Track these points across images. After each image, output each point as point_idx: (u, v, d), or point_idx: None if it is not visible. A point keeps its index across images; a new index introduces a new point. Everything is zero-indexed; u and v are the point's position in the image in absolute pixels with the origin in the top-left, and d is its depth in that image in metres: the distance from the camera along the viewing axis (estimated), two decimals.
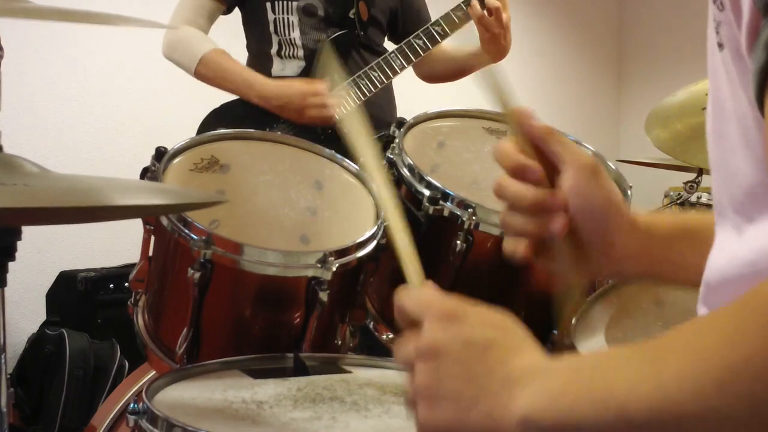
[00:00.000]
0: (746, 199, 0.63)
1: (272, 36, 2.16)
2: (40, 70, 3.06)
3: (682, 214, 0.86)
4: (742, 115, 0.60)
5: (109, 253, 3.06)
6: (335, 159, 1.51)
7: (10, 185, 0.88)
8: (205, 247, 1.23)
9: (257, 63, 2.21)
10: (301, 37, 2.14)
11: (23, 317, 2.93)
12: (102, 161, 3.16)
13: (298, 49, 2.15)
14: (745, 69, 0.58)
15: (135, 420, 0.98)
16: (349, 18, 2.16)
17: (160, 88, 3.32)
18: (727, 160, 0.65)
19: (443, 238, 1.39)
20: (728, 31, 0.59)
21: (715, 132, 0.67)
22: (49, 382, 2.64)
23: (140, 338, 1.42)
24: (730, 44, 0.59)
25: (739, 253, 0.63)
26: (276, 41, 2.16)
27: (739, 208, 0.65)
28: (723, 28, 0.60)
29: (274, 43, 2.16)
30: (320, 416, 1.03)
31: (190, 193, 1.24)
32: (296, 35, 2.15)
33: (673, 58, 4.61)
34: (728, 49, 0.60)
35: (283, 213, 1.42)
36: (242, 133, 1.54)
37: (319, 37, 2.14)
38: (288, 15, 2.15)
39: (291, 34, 2.15)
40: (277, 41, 2.16)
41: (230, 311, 1.33)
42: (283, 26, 2.15)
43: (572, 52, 4.94)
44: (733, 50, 0.59)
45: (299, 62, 2.15)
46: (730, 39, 0.59)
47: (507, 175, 0.80)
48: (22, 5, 0.97)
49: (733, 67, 0.60)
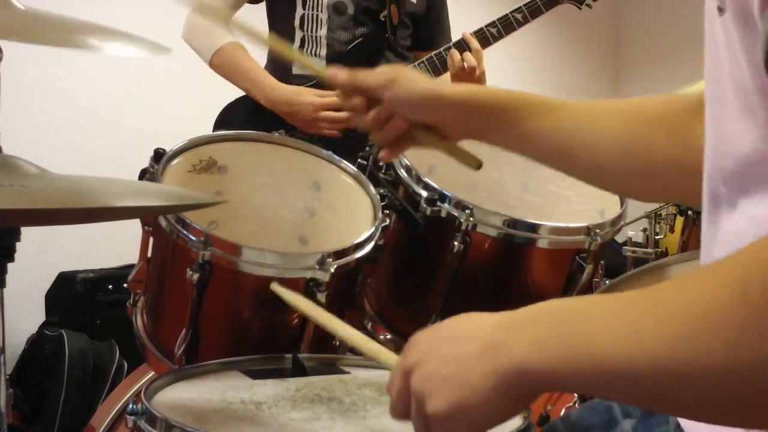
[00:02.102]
0: (740, 168, 0.63)
1: (296, 31, 2.14)
2: (39, 71, 3.06)
3: (511, 90, 0.96)
4: (740, 80, 0.60)
5: (108, 254, 3.06)
6: (333, 160, 1.52)
7: (9, 186, 0.88)
8: (204, 248, 1.24)
9: (278, 59, 2.19)
10: (328, 35, 2.12)
11: (22, 318, 2.93)
12: (101, 162, 3.16)
13: (321, 47, 2.13)
14: (748, 32, 0.58)
15: (134, 421, 0.98)
16: (380, 20, 2.15)
17: (160, 89, 3.33)
18: (721, 128, 0.65)
19: (441, 239, 1.40)
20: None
21: (711, 97, 0.67)
22: (49, 383, 2.64)
23: (139, 339, 1.42)
24: (734, 7, 0.59)
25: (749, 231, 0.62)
26: (299, 37, 2.14)
27: (729, 178, 0.64)
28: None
29: (297, 39, 2.14)
30: (319, 417, 1.03)
31: (188, 194, 1.24)
32: (323, 33, 2.13)
33: (670, 57, 4.61)
34: (730, 13, 0.59)
35: (281, 214, 1.42)
36: (240, 134, 1.54)
37: (346, 38, 2.13)
38: (317, 11, 2.13)
39: (317, 32, 2.13)
40: (300, 37, 2.14)
41: (229, 312, 1.34)
42: (311, 22, 2.13)
43: (568, 50, 4.94)
44: (737, 13, 0.59)
45: (320, 62, 2.12)
46: (735, 1, 0.59)
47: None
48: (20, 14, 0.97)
49: (734, 30, 0.60)
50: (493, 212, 1.40)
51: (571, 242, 1.42)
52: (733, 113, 0.62)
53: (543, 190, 1.57)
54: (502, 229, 1.39)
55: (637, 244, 2.68)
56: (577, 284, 1.44)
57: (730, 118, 0.63)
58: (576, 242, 1.42)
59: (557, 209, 1.53)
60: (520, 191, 1.57)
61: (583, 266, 1.42)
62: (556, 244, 1.42)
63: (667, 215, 2.55)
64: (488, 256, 1.43)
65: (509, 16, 2.15)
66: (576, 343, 0.58)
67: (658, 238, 2.58)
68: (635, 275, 1.55)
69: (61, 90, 3.14)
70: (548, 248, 1.43)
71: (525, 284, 1.47)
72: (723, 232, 0.66)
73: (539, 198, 1.56)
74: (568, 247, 1.43)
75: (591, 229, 1.41)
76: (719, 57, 0.63)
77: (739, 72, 0.60)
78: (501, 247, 1.42)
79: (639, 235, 2.70)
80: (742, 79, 0.60)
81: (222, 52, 2.12)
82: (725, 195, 0.65)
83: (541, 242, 1.42)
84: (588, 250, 1.41)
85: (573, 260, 1.43)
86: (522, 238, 1.40)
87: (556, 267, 1.45)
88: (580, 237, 1.41)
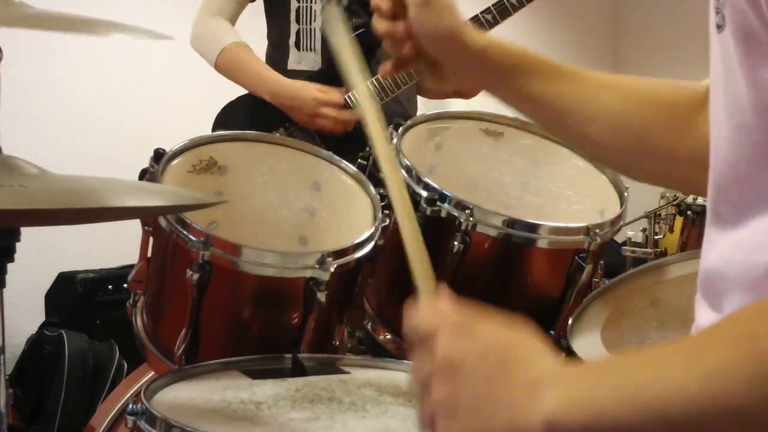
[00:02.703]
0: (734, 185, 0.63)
1: (292, 25, 2.14)
2: (39, 72, 3.06)
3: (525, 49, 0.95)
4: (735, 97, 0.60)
5: (108, 254, 3.06)
6: (333, 160, 1.52)
7: (9, 186, 0.89)
8: (204, 248, 1.24)
9: (275, 54, 2.19)
10: (323, 27, 2.11)
11: (22, 318, 2.93)
12: (101, 162, 3.15)
13: (316, 41, 2.13)
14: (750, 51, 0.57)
15: (134, 421, 0.98)
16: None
17: (159, 89, 3.33)
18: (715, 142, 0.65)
19: (441, 239, 1.40)
20: (733, 9, 0.58)
21: (710, 113, 0.67)
22: (48, 383, 2.64)
23: (139, 339, 1.42)
24: (735, 25, 0.59)
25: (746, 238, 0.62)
26: (295, 31, 2.14)
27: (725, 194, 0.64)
28: (727, 8, 0.59)
29: (293, 33, 2.14)
30: (318, 417, 1.03)
31: (188, 194, 1.24)
32: (317, 25, 2.13)
33: (669, 58, 4.61)
34: (730, 30, 0.59)
35: (281, 214, 1.42)
36: (240, 134, 1.54)
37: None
38: (311, 3, 2.13)
39: (312, 24, 2.13)
40: (295, 31, 2.14)
41: (229, 312, 1.34)
42: (306, 15, 2.13)
43: (567, 47, 4.94)
44: (737, 30, 0.58)
45: (315, 56, 2.14)
46: (735, 17, 0.58)
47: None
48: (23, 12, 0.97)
49: (734, 48, 0.59)
50: (492, 212, 1.40)
51: (570, 242, 1.42)
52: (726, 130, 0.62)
53: (543, 190, 1.57)
54: (501, 229, 1.39)
55: (636, 244, 2.69)
56: (576, 284, 1.44)
57: (722, 135, 0.63)
58: (575, 242, 1.42)
59: (557, 209, 1.54)
60: (519, 191, 1.57)
61: (582, 266, 1.42)
62: (555, 244, 1.43)
63: (666, 215, 2.56)
64: (488, 256, 1.43)
65: (504, 1, 2.13)
66: (609, 391, 0.56)
67: (658, 238, 2.59)
68: (634, 275, 1.55)
69: (61, 90, 3.14)
70: (548, 248, 1.43)
71: (525, 284, 1.47)
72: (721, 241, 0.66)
73: (539, 198, 1.56)
74: (568, 247, 1.43)
75: (590, 229, 1.41)
76: (716, 73, 0.64)
77: (734, 90, 0.60)
78: (501, 247, 1.42)
79: (638, 235, 2.71)
80: (736, 96, 0.60)
81: (226, 52, 2.13)
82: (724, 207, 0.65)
83: (540, 242, 1.42)
84: (587, 250, 1.41)
85: (572, 260, 1.43)
86: (522, 238, 1.40)
87: (555, 267, 1.45)
88: (580, 237, 1.41)
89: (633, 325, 1.46)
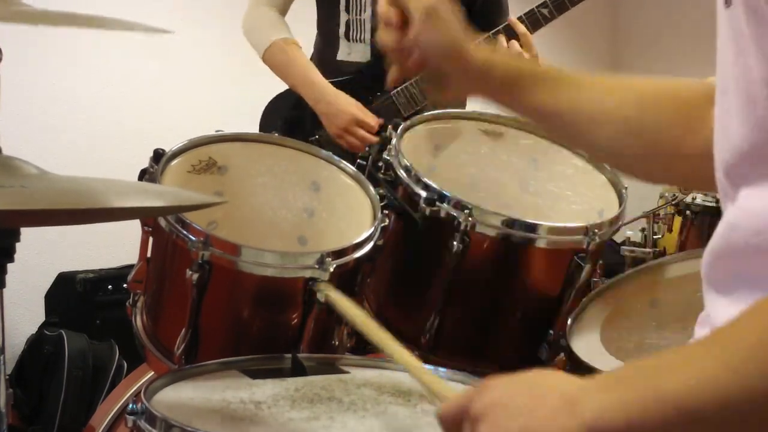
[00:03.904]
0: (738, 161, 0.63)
1: (342, 15, 2.13)
2: (39, 72, 3.06)
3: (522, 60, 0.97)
4: (745, 71, 0.61)
5: (107, 255, 3.06)
6: (332, 160, 1.52)
7: (9, 187, 0.89)
8: (203, 248, 1.24)
9: (324, 44, 2.18)
10: (372, 18, 2.10)
11: (22, 318, 2.93)
12: (100, 163, 3.15)
13: (365, 32, 2.12)
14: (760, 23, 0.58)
15: (133, 420, 0.99)
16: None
17: (159, 90, 3.32)
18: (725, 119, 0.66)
19: (440, 239, 1.40)
20: None
21: (719, 89, 0.68)
22: (48, 383, 2.64)
23: (139, 339, 1.42)
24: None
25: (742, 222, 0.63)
26: (345, 21, 2.13)
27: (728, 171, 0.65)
28: None
29: (342, 23, 2.13)
30: (318, 416, 1.04)
31: (188, 194, 1.24)
32: (367, 15, 2.12)
33: (669, 59, 4.61)
34: (740, 5, 0.60)
35: (280, 214, 1.42)
36: (240, 134, 1.54)
37: None
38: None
39: (362, 14, 2.12)
40: (345, 21, 2.13)
41: (228, 312, 1.34)
42: (356, 5, 2.12)
43: (566, 52, 4.94)
44: (747, 5, 0.59)
45: (365, 48, 2.12)
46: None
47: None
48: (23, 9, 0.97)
49: (744, 22, 0.60)
50: (492, 212, 1.40)
51: (569, 242, 1.43)
52: (735, 105, 0.63)
53: (542, 190, 1.58)
54: (501, 229, 1.40)
55: (635, 243, 2.69)
56: (575, 284, 1.44)
57: (732, 111, 0.63)
58: (574, 242, 1.42)
59: (556, 209, 1.54)
60: (519, 191, 1.57)
61: (581, 266, 1.42)
62: (554, 244, 1.43)
63: (665, 215, 2.56)
64: (487, 256, 1.44)
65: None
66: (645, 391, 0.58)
67: (657, 238, 2.59)
68: (633, 275, 1.55)
69: (61, 90, 3.14)
70: (547, 248, 1.43)
71: (524, 284, 1.48)
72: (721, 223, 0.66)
73: (538, 198, 1.57)
74: (567, 247, 1.43)
75: (589, 229, 1.42)
76: (725, 49, 0.64)
77: (744, 63, 0.61)
78: (500, 247, 1.43)
79: (637, 234, 2.71)
80: (747, 70, 0.60)
81: (274, 49, 2.12)
82: (725, 187, 0.66)
83: (539, 242, 1.42)
84: (586, 249, 1.41)
85: (571, 260, 1.43)
86: (521, 238, 1.41)
87: (554, 267, 1.46)
88: (579, 237, 1.42)
89: (632, 325, 1.47)
